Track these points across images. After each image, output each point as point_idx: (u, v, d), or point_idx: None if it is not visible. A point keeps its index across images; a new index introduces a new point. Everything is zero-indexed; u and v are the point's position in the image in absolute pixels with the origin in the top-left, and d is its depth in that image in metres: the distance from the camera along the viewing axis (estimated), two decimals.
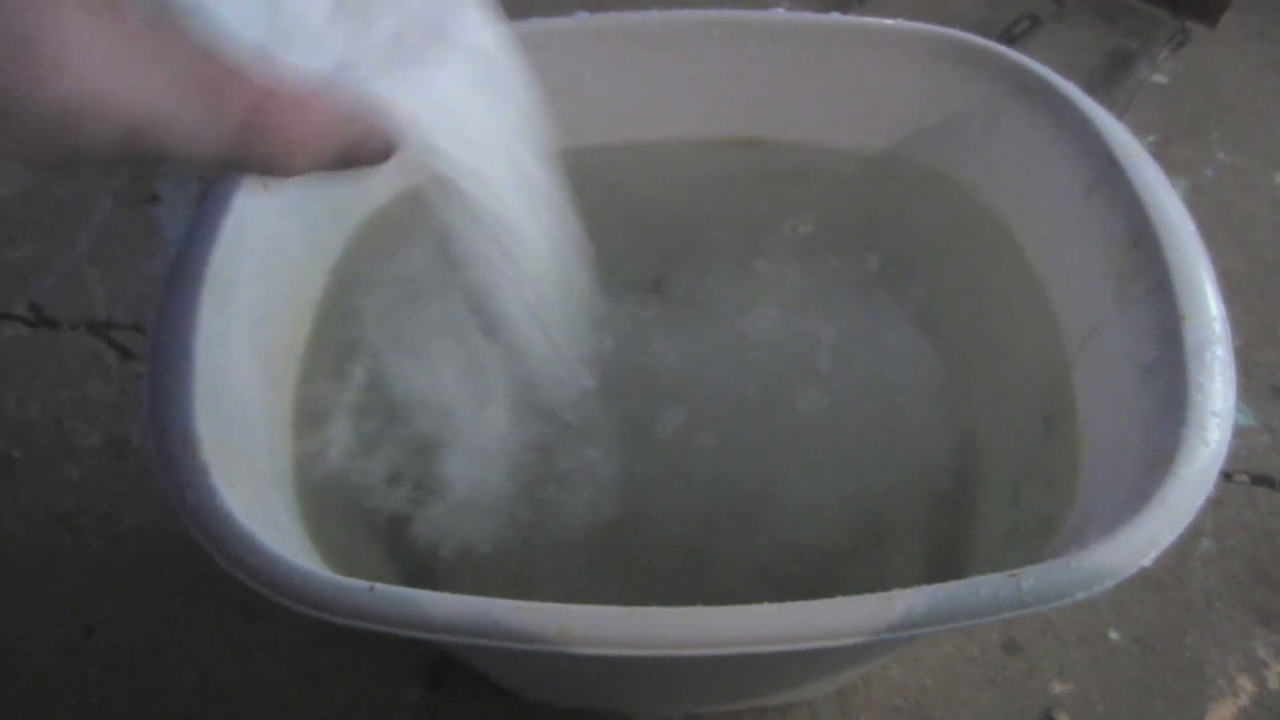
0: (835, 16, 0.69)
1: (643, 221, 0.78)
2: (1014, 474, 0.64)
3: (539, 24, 0.68)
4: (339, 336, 0.65)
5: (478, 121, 0.37)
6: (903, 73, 0.69)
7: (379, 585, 0.43)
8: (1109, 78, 1.34)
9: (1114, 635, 0.87)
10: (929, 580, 0.45)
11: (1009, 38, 1.31)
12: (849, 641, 0.44)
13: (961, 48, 0.67)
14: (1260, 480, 1.01)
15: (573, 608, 0.44)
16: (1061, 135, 0.62)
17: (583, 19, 0.68)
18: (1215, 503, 0.96)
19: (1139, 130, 1.27)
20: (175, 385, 0.49)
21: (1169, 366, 0.50)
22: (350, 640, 0.84)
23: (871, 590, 0.45)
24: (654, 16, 0.68)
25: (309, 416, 0.60)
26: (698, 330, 0.77)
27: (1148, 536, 0.45)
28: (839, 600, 0.44)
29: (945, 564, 0.67)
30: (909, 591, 0.44)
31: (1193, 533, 0.93)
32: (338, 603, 0.44)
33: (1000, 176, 0.68)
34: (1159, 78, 1.35)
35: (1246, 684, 0.87)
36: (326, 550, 0.55)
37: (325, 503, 0.58)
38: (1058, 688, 0.84)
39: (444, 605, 0.43)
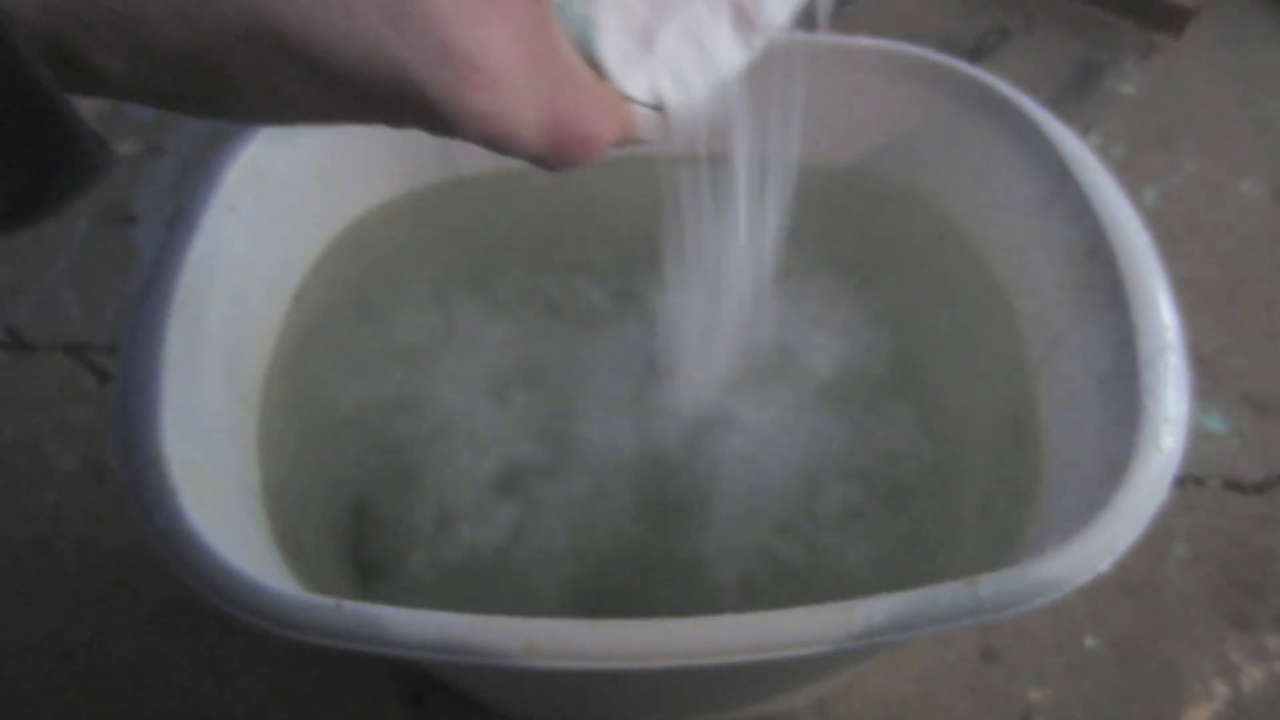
0: (796, 35, 0.69)
1: (612, 234, 0.79)
2: (985, 486, 0.65)
3: None
4: (304, 358, 0.65)
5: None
6: (863, 89, 0.70)
7: (346, 603, 0.44)
8: (1078, 89, 1.36)
9: (1090, 641, 0.88)
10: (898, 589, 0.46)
11: (978, 51, 1.32)
12: (810, 651, 0.44)
13: (919, 64, 0.68)
14: (1232, 485, 1.02)
15: (537, 622, 0.44)
16: (1019, 149, 0.63)
17: None
18: (1188, 508, 0.97)
19: (1108, 141, 1.29)
20: (144, 407, 0.49)
21: (1124, 375, 0.51)
22: (332, 660, 0.84)
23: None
24: None
25: (276, 438, 0.61)
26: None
27: (1103, 542, 0.46)
28: (800, 610, 0.45)
29: (916, 576, 0.67)
30: (869, 601, 0.45)
31: (1166, 538, 0.94)
32: (305, 620, 0.44)
33: (962, 190, 0.69)
34: (1127, 88, 1.36)
35: (1221, 688, 0.88)
36: (301, 571, 0.55)
37: (297, 524, 0.59)
38: (1035, 694, 0.84)
39: (410, 622, 0.43)
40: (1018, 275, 0.65)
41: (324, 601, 0.44)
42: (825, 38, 0.69)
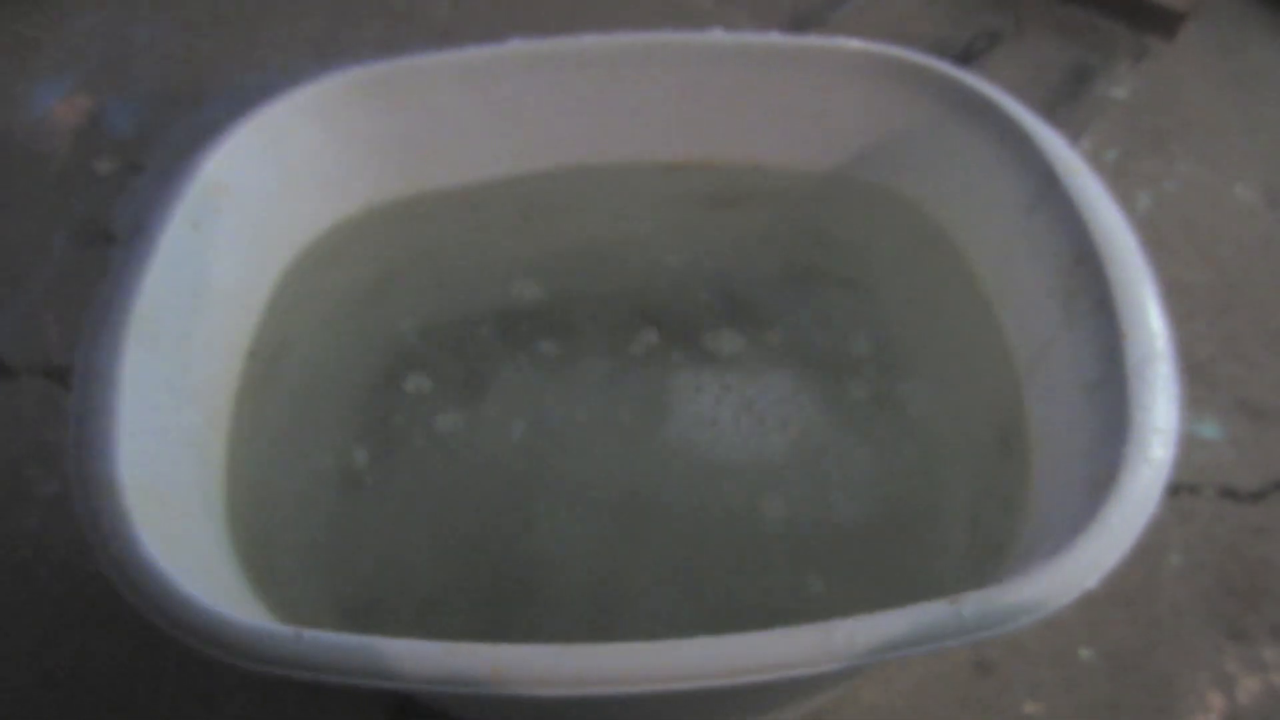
0: (774, 36, 0.68)
1: (593, 248, 0.78)
2: (972, 497, 0.63)
3: (477, 51, 0.67)
4: (275, 376, 0.64)
5: None
6: (845, 91, 0.69)
7: (307, 631, 0.42)
8: (1069, 93, 1.35)
9: (1085, 653, 0.86)
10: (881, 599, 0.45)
11: (968, 54, 1.31)
12: (788, 674, 0.43)
13: (901, 66, 0.67)
14: (1227, 494, 1.00)
15: (505, 648, 0.43)
16: (1004, 152, 0.62)
17: (519, 45, 0.68)
18: (1183, 517, 0.96)
19: (1100, 145, 1.27)
20: (98, 433, 0.48)
21: (1112, 384, 0.50)
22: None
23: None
24: (591, 41, 0.68)
25: (246, 459, 0.59)
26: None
27: (1090, 559, 0.45)
28: (777, 632, 0.43)
29: (904, 590, 0.65)
30: (848, 621, 0.43)
31: (1161, 548, 0.92)
32: (264, 650, 0.42)
33: (947, 194, 0.68)
34: (1119, 92, 1.35)
35: (1216, 699, 0.86)
36: (264, 592, 0.54)
37: (262, 541, 0.57)
38: (1029, 707, 0.83)
39: (374, 650, 0.42)
40: (1004, 281, 0.63)
41: (282, 630, 0.42)
42: (807, 40, 0.68)
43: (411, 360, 0.72)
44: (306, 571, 0.59)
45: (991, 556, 0.57)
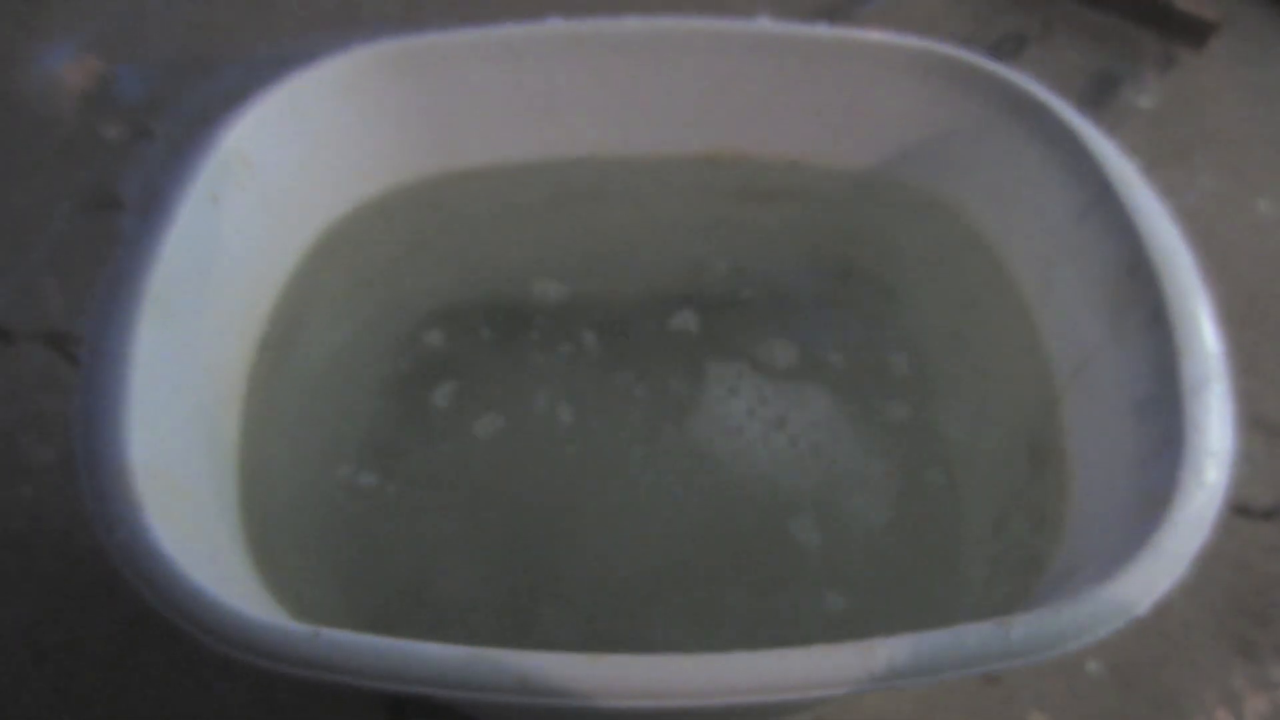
0: (821, 29, 0.66)
1: (622, 239, 0.75)
2: (996, 505, 0.61)
3: (513, 30, 0.65)
4: (291, 359, 0.62)
5: None
6: (890, 88, 0.67)
7: (324, 631, 0.40)
8: (1095, 100, 1.33)
9: (1092, 666, 0.85)
10: (905, 615, 0.43)
11: (994, 57, 1.29)
12: (827, 693, 0.41)
13: (951, 64, 0.64)
14: (1240, 511, 0.99)
15: (532, 656, 0.41)
16: (1054, 157, 0.59)
17: (557, 25, 0.65)
18: None
19: (1128, 153, 1.26)
20: (109, 411, 0.45)
21: (1165, 403, 0.48)
22: None
23: (852, 630, 0.42)
24: (634, 25, 0.65)
25: (259, 444, 0.57)
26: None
27: (1143, 584, 0.43)
28: (817, 649, 0.41)
29: (924, 597, 0.64)
30: (890, 640, 0.41)
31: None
32: (278, 648, 0.40)
33: (989, 198, 0.66)
34: (1145, 101, 1.34)
35: (1223, 716, 0.85)
36: (276, 585, 0.52)
37: (275, 530, 0.55)
38: (1035, 718, 0.82)
39: (393, 653, 0.40)
40: (1046, 291, 0.61)
41: (298, 629, 0.40)
42: (855, 33, 0.66)
43: (431, 347, 0.70)
44: (319, 563, 0.57)
45: (1019, 574, 0.56)
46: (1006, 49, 1.31)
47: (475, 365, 0.72)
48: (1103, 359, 0.54)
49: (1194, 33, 1.33)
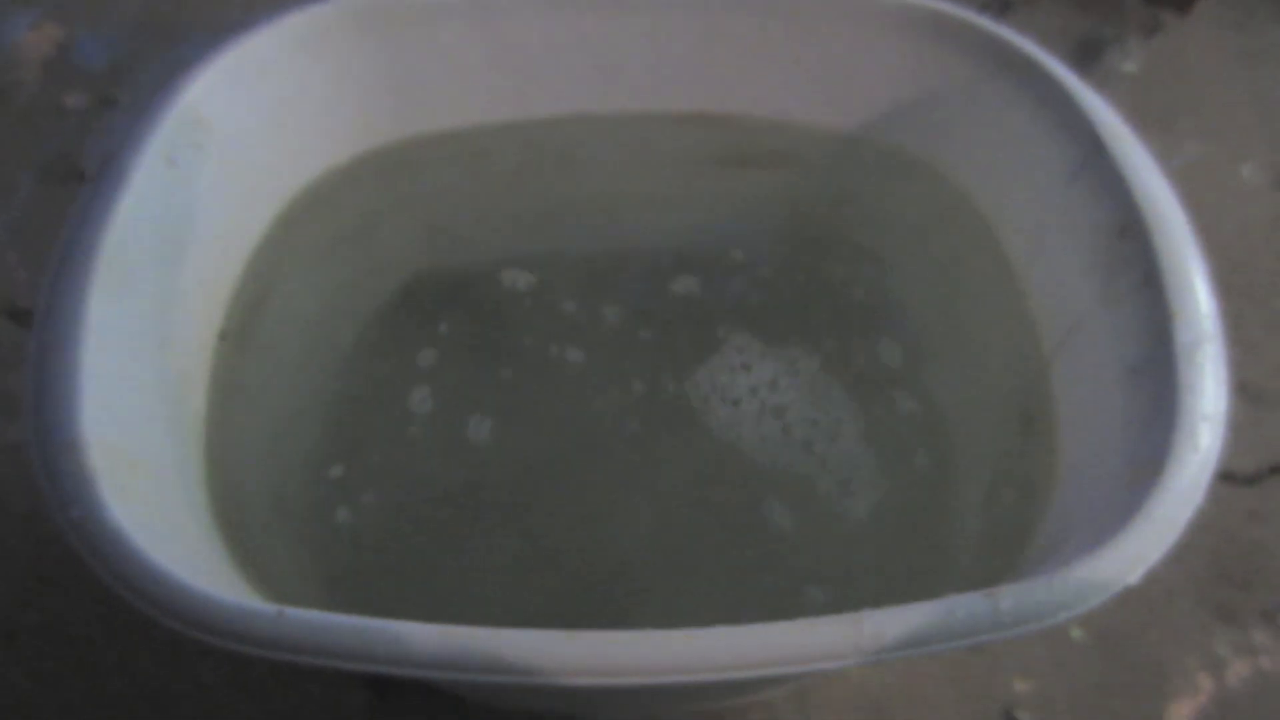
0: None
1: (597, 203, 0.73)
2: (987, 475, 0.60)
3: None
4: (258, 329, 0.60)
5: None
6: (877, 47, 0.65)
7: (290, 610, 0.39)
8: (1079, 65, 1.31)
9: (1076, 633, 0.85)
10: (894, 587, 0.41)
11: None
12: (813, 668, 0.39)
13: (939, 21, 0.62)
14: (1224, 477, 0.99)
15: (506, 633, 0.39)
16: (1044, 116, 0.58)
17: None
18: None
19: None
20: (60, 384, 0.43)
21: (1157, 367, 0.47)
22: None
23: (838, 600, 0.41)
24: None
25: (223, 412, 0.55)
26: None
27: (1134, 552, 0.42)
28: (803, 623, 0.40)
29: (912, 569, 0.63)
30: (878, 613, 0.40)
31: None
32: (241, 629, 0.39)
33: (978, 160, 0.64)
34: (1130, 66, 1.32)
35: (1206, 682, 0.85)
36: (243, 561, 0.50)
37: (244, 507, 0.53)
38: (1019, 686, 0.81)
39: (362, 632, 0.38)
40: (1035, 254, 0.60)
41: (263, 609, 0.38)
42: None
43: (404, 320, 0.68)
44: (289, 539, 0.55)
45: (1009, 543, 0.55)
46: (990, 12, 1.29)
47: (449, 339, 0.70)
48: (1093, 323, 0.53)
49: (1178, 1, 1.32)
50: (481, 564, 0.58)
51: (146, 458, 0.47)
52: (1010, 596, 0.41)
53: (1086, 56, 1.30)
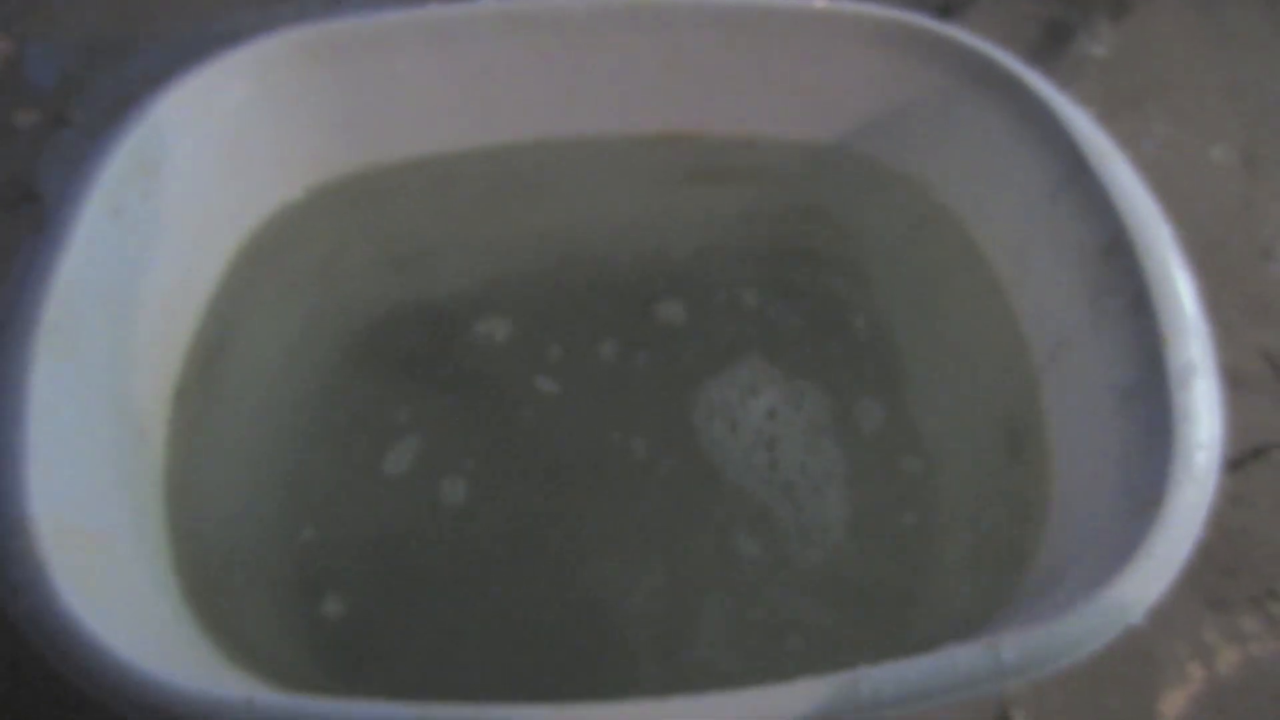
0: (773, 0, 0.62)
1: (569, 226, 0.71)
2: (974, 493, 0.59)
3: (442, 10, 0.60)
4: (218, 374, 0.57)
5: None
6: (849, 59, 0.63)
7: (259, 697, 0.36)
8: (1048, 50, 1.31)
9: None
10: (883, 614, 0.40)
11: (947, 8, 1.26)
12: None
13: (912, 32, 0.61)
14: None
15: (494, 710, 0.38)
16: (1025, 131, 0.56)
17: (490, 4, 0.60)
18: None
19: (1077, 103, 1.24)
20: (3, 461, 0.41)
21: (1150, 392, 0.46)
22: None
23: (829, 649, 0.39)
24: (576, 4, 0.61)
25: (185, 470, 0.53)
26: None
27: (1135, 593, 0.41)
28: (798, 685, 0.39)
29: (902, 592, 0.61)
30: (875, 672, 0.39)
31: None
32: None
33: (958, 174, 0.63)
34: (1098, 50, 1.32)
35: (1197, 670, 0.85)
36: (214, 626, 0.48)
37: (212, 571, 0.51)
38: (1013, 684, 0.81)
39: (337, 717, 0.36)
40: (1020, 270, 0.58)
41: (233, 699, 0.36)
42: (809, 2, 0.62)
43: (371, 359, 0.65)
44: (261, 603, 0.53)
45: (1003, 567, 0.53)
46: (959, 0, 1.28)
47: (418, 381, 0.67)
48: (1083, 343, 0.52)
49: None
50: (463, 630, 0.56)
51: (103, 528, 0.45)
52: (1011, 647, 0.40)
53: (1055, 40, 1.29)
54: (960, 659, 0.39)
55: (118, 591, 0.42)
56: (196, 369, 0.56)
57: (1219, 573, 0.89)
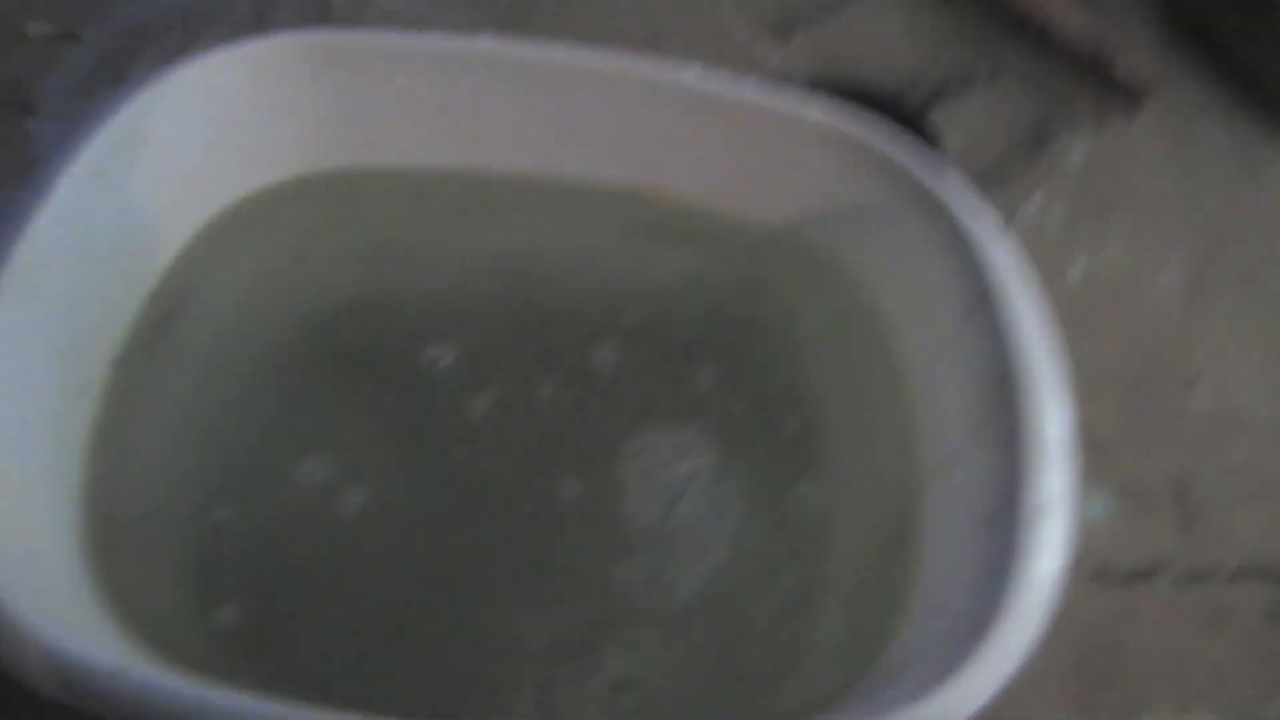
0: (745, 88, 0.66)
1: (530, 256, 0.74)
2: (851, 581, 0.63)
3: (445, 41, 0.64)
4: (165, 340, 0.60)
5: None
6: (801, 154, 0.67)
7: (133, 668, 0.39)
8: (1029, 148, 1.35)
9: None
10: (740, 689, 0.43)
11: (940, 94, 1.30)
12: None
13: (858, 143, 0.65)
14: (1099, 575, 1.02)
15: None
16: (946, 253, 0.61)
17: (488, 42, 0.65)
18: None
19: (1050, 204, 1.28)
20: None
21: (1005, 523, 0.50)
22: None
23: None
24: (563, 54, 0.65)
25: (115, 428, 0.55)
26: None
27: (951, 710, 0.45)
28: None
29: (764, 666, 0.64)
30: None
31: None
32: (74, 684, 0.39)
33: (888, 275, 0.67)
34: (1075, 156, 1.36)
35: None
36: (112, 588, 0.50)
37: (120, 530, 0.54)
38: None
39: (203, 705, 0.39)
40: (926, 377, 0.63)
41: (101, 664, 0.39)
42: (773, 98, 0.66)
43: (315, 347, 0.67)
44: (167, 573, 0.55)
45: (858, 657, 0.57)
46: (952, 89, 1.33)
47: (353, 382, 0.70)
48: (964, 462, 0.56)
49: (1128, 95, 1.37)
50: (355, 635, 0.58)
51: (19, 465, 0.48)
52: None
53: (1038, 141, 1.34)
54: None
55: (22, 539, 0.45)
56: (144, 334, 0.59)
57: (1092, 687, 0.93)
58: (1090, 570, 1.00)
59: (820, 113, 0.66)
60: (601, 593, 0.64)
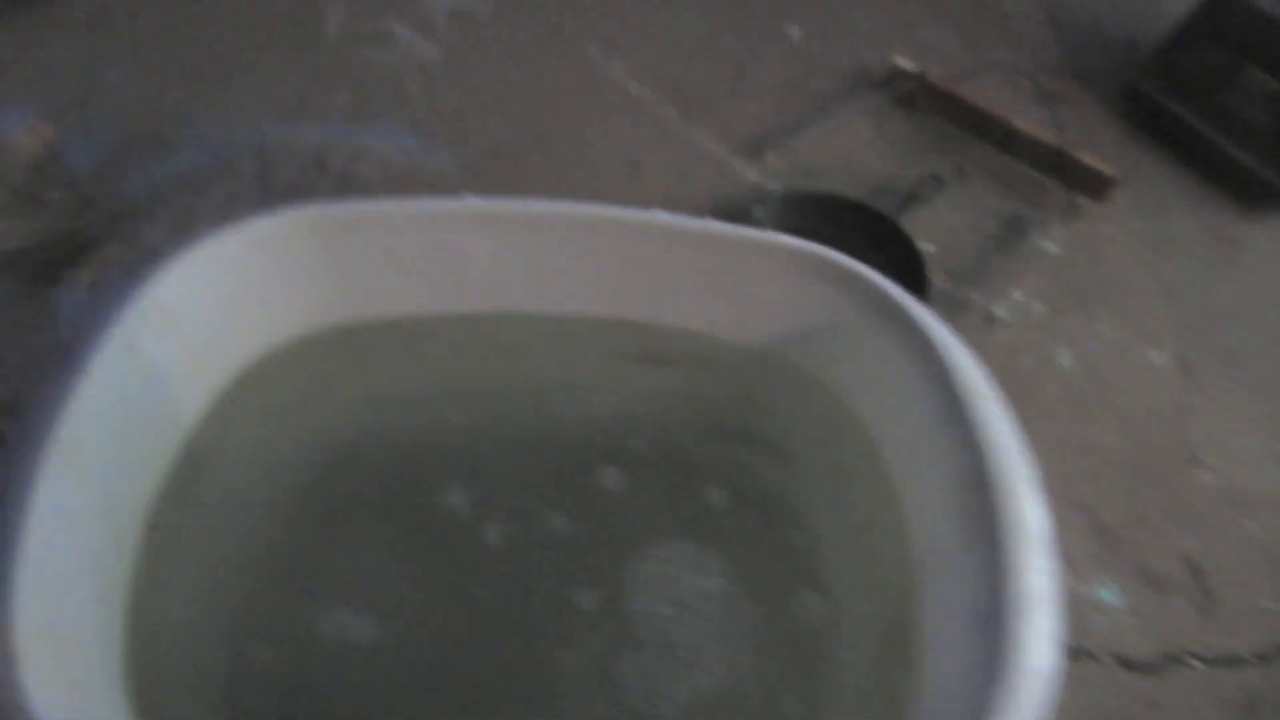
0: (711, 224, 0.72)
1: (525, 389, 0.79)
2: (856, 686, 0.65)
3: (430, 204, 0.70)
4: (193, 503, 0.64)
5: None
6: (774, 280, 0.72)
7: None
8: (1004, 242, 1.40)
9: None
10: None
11: (914, 196, 1.36)
12: None
13: (826, 267, 0.70)
14: (1123, 663, 1.01)
15: None
16: (917, 364, 0.64)
17: (471, 202, 0.71)
18: (1080, 683, 0.97)
19: (1029, 297, 1.32)
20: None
21: (996, 619, 0.52)
22: None
23: None
24: (540, 208, 0.71)
25: (152, 584, 0.59)
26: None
27: None
28: None
29: None
30: None
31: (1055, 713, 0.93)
32: None
33: (866, 389, 0.71)
34: (1051, 247, 1.40)
35: None
36: None
37: (165, 685, 0.56)
38: None
39: None
40: (913, 483, 0.66)
41: None
42: (739, 231, 0.72)
43: (331, 494, 0.72)
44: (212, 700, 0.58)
45: None
46: (926, 191, 1.39)
47: (377, 527, 0.74)
48: (954, 562, 0.59)
49: (1096, 185, 1.42)
50: None
51: (70, 633, 0.51)
52: None
53: (1012, 234, 1.39)
54: None
55: (76, 686, 0.48)
56: (175, 492, 0.63)
57: None
58: (1115, 658, 1.00)
59: (782, 241, 0.71)
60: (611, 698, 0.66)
